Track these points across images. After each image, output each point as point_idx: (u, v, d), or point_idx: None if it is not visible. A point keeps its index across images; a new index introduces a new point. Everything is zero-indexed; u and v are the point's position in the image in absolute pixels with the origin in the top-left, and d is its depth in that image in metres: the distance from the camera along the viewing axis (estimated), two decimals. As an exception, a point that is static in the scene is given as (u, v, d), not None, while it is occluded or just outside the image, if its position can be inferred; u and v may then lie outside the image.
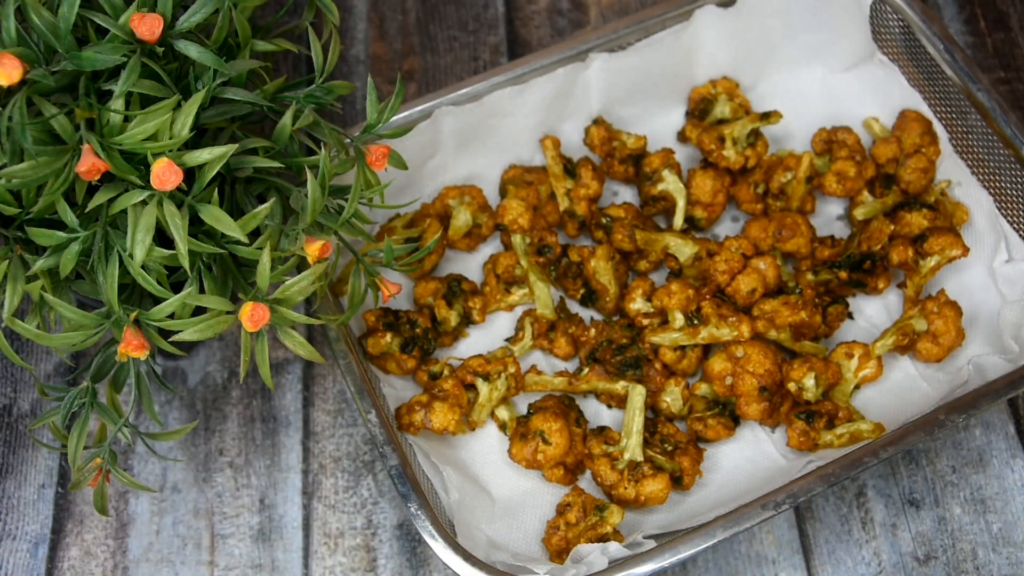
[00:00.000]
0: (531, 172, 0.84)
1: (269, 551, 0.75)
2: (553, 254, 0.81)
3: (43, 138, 0.56)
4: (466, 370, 0.77)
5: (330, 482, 0.77)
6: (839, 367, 0.76)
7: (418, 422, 0.73)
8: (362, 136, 0.66)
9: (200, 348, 0.82)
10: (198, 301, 0.59)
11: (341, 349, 0.72)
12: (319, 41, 0.65)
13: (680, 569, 0.75)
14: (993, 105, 0.80)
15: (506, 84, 0.82)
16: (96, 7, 0.58)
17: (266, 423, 0.79)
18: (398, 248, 0.67)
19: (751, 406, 0.74)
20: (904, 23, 0.85)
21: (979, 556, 0.74)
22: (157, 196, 0.56)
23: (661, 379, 0.77)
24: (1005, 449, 0.78)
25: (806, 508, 0.76)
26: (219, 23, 0.61)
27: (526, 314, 0.80)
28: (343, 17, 0.97)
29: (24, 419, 0.80)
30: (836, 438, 0.74)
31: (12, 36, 0.55)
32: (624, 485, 0.72)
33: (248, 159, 0.62)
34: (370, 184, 0.66)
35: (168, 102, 0.57)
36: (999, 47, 0.95)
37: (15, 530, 0.76)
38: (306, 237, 0.61)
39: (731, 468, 0.75)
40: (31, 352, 0.82)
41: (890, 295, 0.82)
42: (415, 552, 0.75)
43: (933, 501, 0.76)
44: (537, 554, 0.72)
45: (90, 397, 0.63)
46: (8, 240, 0.60)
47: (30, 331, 0.58)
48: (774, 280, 0.78)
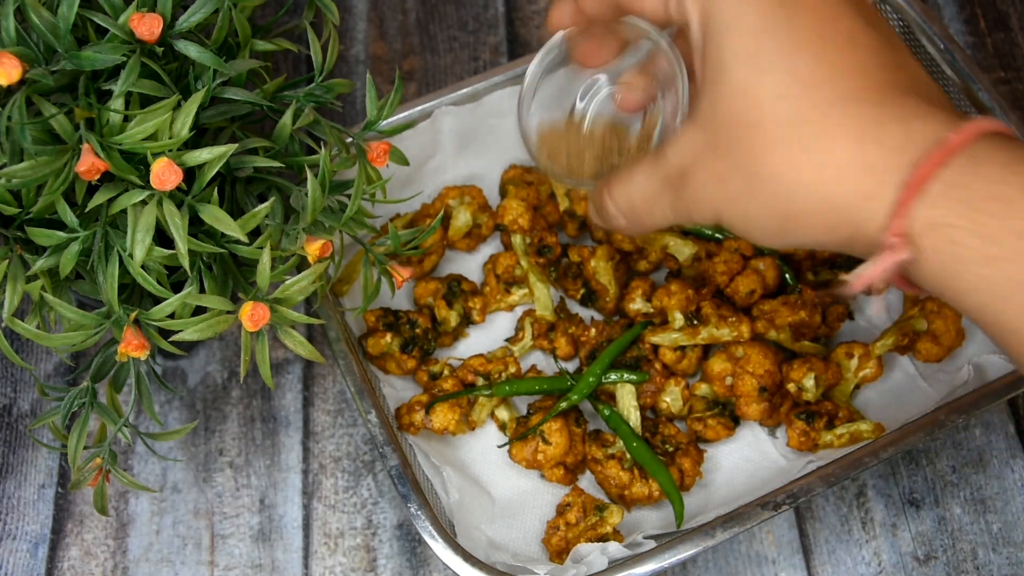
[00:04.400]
0: (531, 172, 0.84)
1: (269, 551, 0.75)
2: (553, 254, 0.81)
3: (43, 138, 0.56)
4: (466, 370, 0.77)
5: (330, 482, 0.77)
6: (839, 367, 0.76)
7: (418, 422, 0.73)
8: (363, 133, 0.66)
9: (200, 348, 0.82)
10: (198, 301, 0.59)
11: (341, 349, 0.72)
12: (319, 41, 0.65)
13: (680, 569, 0.75)
14: (993, 105, 0.80)
15: (506, 84, 0.82)
16: (96, 7, 0.58)
17: (266, 423, 0.79)
18: (403, 233, 0.67)
19: (751, 406, 0.74)
20: (904, 23, 0.85)
21: (979, 556, 0.74)
22: (157, 196, 0.56)
23: (661, 379, 0.77)
24: (1005, 449, 0.78)
25: (806, 508, 0.76)
26: (219, 23, 0.61)
27: (526, 314, 0.80)
28: (343, 17, 0.97)
29: (24, 419, 0.80)
30: (836, 438, 0.74)
31: (12, 36, 0.55)
32: (638, 483, 0.72)
33: (248, 159, 0.62)
34: (371, 180, 0.66)
35: (168, 102, 0.56)
36: (999, 47, 0.94)
37: (15, 530, 0.76)
38: (306, 236, 0.61)
39: (731, 468, 0.76)
40: (31, 352, 0.82)
41: (890, 295, 0.82)
42: (415, 552, 0.75)
43: (933, 501, 0.76)
44: (537, 554, 0.72)
45: (90, 397, 0.63)
46: (8, 240, 0.60)
47: (30, 331, 0.58)
48: (773, 281, 0.78)
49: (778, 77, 0.46)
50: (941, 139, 0.44)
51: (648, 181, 0.54)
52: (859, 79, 0.46)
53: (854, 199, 0.45)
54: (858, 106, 0.45)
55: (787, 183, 0.46)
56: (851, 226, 0.46)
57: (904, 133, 0.44)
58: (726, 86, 0.48)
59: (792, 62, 0.46)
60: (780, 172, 0.46)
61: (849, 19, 0.48)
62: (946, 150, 0.43)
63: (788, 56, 0.46)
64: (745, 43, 0.47)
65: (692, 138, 0.51)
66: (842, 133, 0.45)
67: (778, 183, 0.47)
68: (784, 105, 0.46)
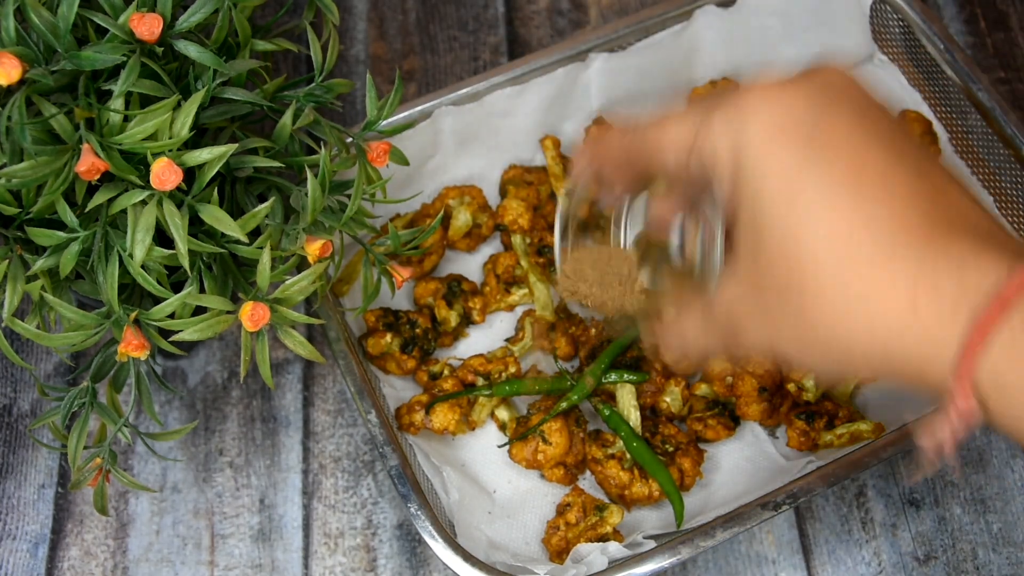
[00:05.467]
0: (531, 172, 0.84)
1: (269, 551, 0.75)
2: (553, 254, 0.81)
3: (43, 138, 0.56)
4: (466, 370, 0.77)
5: (330, 482, 0.77)
6: (839, 367, 0.76)
7: (418, 422, 0.73)
8: (363, 133, 0.66)
9: (200, 348, 0.82)
10: (198, 301, 0.59)
11: (341, 349, 0.72)
12: (319, 41, 0.65)
13: (680, 569, 0.75)
14: (993, 105, 0.80)
15: (506, 84, 0.82)
16: (96, 7, 0.58)
17: (266, 423, 0.79)
18: (403, 233, 0.67)
19: (751, 406, 0.74)
20: (904, 23, 0.85)
21: (979, 556, 0.74)
22: (157, 196, 0.56)
23: (661, 379, 0.77)
24: (1005, 449, 0.78)
25: (806, 508, 0.76)
26: (219, 23, 0.61)
27: (526, 314, 0.80)
28: (343, 17, 0.97)
29: (24, 419, 0.80)
30: (836, 438, 0.74)
31: (11, 36, 0.55)
32: (638, 483, 0.72)
33: (248, 159, 0.62)
34: (371, 180, 0.66)
35: (168, 102, 0.56)
36: (999, 47, 0.94)
37: (15, 530, 0.76)
38: (306, 236, 0.61)
39: (731, 468, 0.75)
40: (31, 352, 0.82)
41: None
42: (415, 552, 0.75)
43: (933, 501, 0.76)
44: (537, 554, 0.72)
45: (90, 397, 0.63)
46: (8, 240, 0.60)
47: (30, 331, 0.58)
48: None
49: (820, 222, 0.45)
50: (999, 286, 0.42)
51: (698, 331, 0.53)
52: (904, 217, 0.44)
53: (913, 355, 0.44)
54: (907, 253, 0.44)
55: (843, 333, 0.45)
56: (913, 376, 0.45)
57: (959, 283, 0.43)
58: (767, 231, 0.46)
59: (832, 204, 0.45)
60: (835, 322, 0.45)
61: (880, 151, 0.46)
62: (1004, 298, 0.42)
63: (826, 200, 0.45)
64: (781, 186, 0.46)
65: (737, 286, 0.49)
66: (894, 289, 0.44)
67: (833, 332, 0.45)
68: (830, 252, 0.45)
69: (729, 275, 0.50)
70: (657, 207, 0.58)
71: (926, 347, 0.44)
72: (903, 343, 0.44)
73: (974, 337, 0.42)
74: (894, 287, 0.44)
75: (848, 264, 0.44)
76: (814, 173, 0.45)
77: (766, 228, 0.46)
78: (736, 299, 0.50)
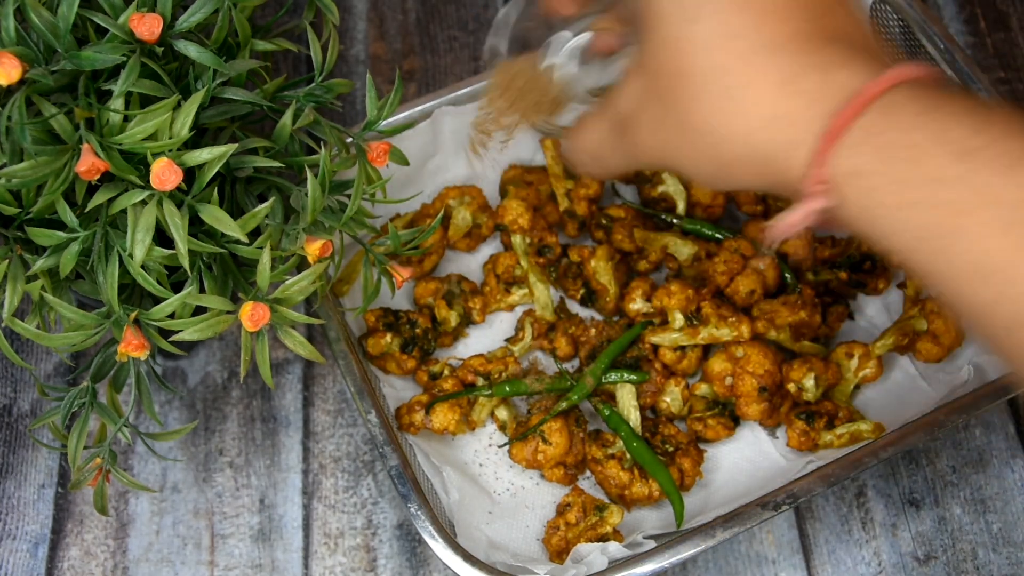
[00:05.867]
0: (531, 172, 0.84)
1: (269, 551, 0.75)
2: (553, 254, 0.81)
3: (43, 138, 0.56)
4: (466, 370, 0.77)
5: (330, 482, 0.77)
6: (839, 367, 0.76)
7: (418, 422, 0.73)
8: (363, 133, 0.66)
9: (200, 348, 0.82)
10: (198, 301, 0.59)
11: (341, 349, 0.72)
12: (319, 41, 0.65)
13: (680, 569, 0.75)
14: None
15: (506, 84, 0.82)
16: (96, 7, 0.58)
17: (266, 423, 0.79)
18: (403, 233, 0.67)
19: (751, 406, 0.74)
20: (904, 23, 0.85)
21: (979, 556, 0.74)
22: (157, 196, 0.56)
23: (661, 379, 0.77)
24: (1005, 449, 0.78)
25: (806, 508, 0.76)
26: (219, 23, 0.61)
27: (526, 314, 0.80)
28: (343, 17, 0.97)
29: (24, 419, 0.80)
30: (836, 438, 0.74)
31: (11, 36, 0.55)
32: (638, 483, 0.72)
33: (248, 159, 0.62)
34: (371, 180, 0.66)
35: (168, 102, 0.56)
36: (999, 47, 0.94)
37: (15, 530, 0.76)
38: (306, 236, 0.61)
39: (731, 468, 0.75)
40: (31, 352, 0.82)
41: (890, 295, 0.82)
42: (415, 552, 0.75)
43: (933, 501, 0.76)
44: (537, 554, 0.72)
45: (90, 397, 0.63)
46: (8, 240, 0.60)
47: (30, 331, 0.58)
48: (773, 281, 0.78)
49: (704, 26, 0.47)
50: (858, 89, 0.45)
51: (599, 126, 0.56)
52: (782, 27, 0.47)
53: (777, 148, 0.47)
54: (779, 55, 0.46)
55: (716, 132, 0.48)
56: (776, 174, 0.47)
57: (823, 83, 0.46)
58: (658, 34, 0.49)
59: (717, 10, 0.47)
60: (708, 121, 0.48)
61: None
62: (862, 99, 0.44)
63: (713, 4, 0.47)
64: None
65: (633, 85, 0.52)
66: (764, 83, 0.46)
67: (707, 132, 0.48)
68: (709, 55, 0.47)
69: (625, 83, 0.53)
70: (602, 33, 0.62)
71: (787, 143, 0.46)
72: (768, 137, 0.47)
73: (830, 133, 0.45)
74: (765, 86, 0.46)
75: (724, 67, 0.47)
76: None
77: (656, 36, 0.49)
78: (633, 98, 0.52)
